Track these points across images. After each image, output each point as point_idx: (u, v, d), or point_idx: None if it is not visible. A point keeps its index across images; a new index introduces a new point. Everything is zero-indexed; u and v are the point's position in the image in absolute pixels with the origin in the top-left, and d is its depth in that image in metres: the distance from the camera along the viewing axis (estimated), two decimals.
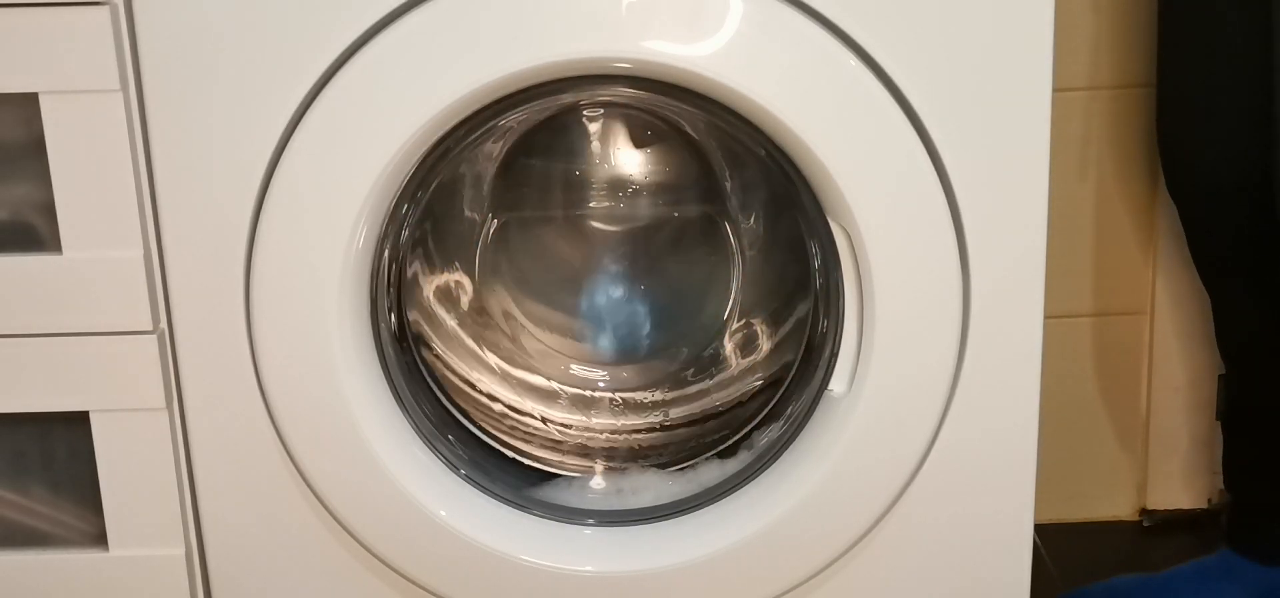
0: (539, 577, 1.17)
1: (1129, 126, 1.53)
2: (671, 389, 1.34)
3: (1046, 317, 1.13)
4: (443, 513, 1.15)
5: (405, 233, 1.20)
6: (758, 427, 1.25)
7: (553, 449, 1.30)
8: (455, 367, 1.30)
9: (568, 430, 1.32)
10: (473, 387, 1.31)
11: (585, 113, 1.28)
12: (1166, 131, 1.41)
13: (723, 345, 1.35)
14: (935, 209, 1.07)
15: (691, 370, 1.35)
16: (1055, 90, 1.07)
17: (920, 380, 1.12)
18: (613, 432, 1.33)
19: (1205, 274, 1.43)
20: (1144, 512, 1.66)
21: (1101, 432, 1.63)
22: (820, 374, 1.16)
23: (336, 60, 1.05)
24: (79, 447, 1.17)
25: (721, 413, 1.31)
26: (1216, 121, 1.33)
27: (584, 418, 1.33)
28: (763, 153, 1.11)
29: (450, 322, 1.33)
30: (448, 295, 1.33)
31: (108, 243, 1.11)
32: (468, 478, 1.18)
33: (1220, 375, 1.61)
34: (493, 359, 1.34)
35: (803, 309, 1.26)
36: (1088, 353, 1.60)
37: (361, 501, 1.15)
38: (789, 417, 1.20)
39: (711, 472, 1.23)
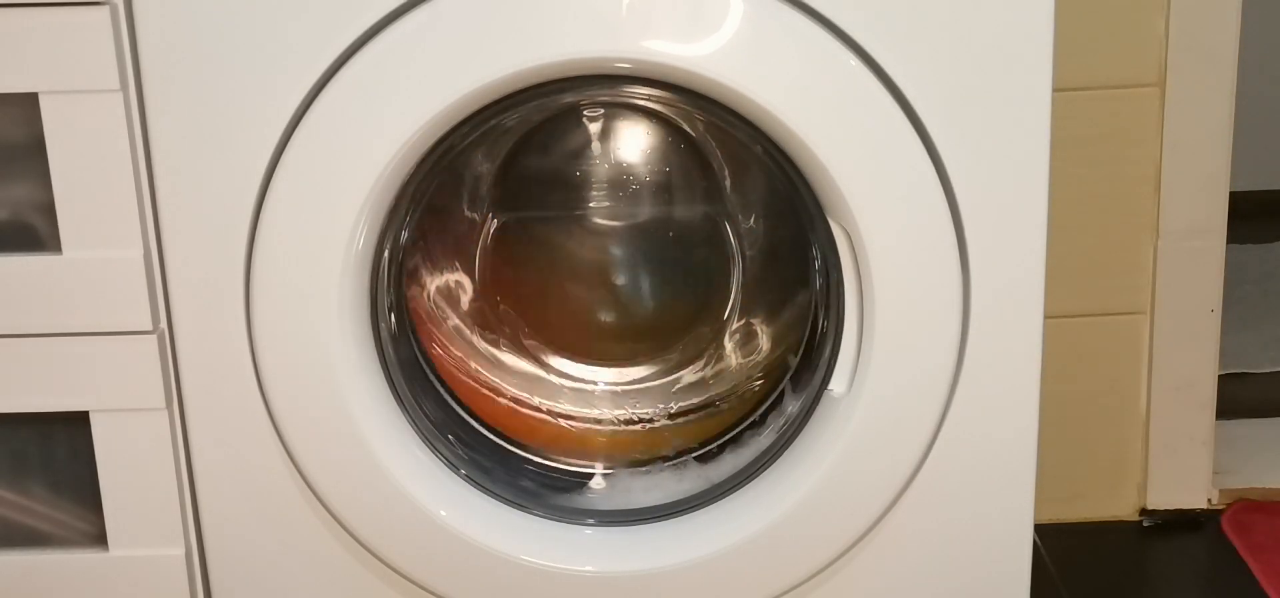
0: (539, 577, 1.17)
1: (1129, 126, 1.52)
2: (672, 388, 1.34)
3: (1046, 317, 1.13)
4: (443, 513, 1.15)
5: (405, 233, 1.20)
6: (757, 426, 1.25)
7: (553, 449, 1.30)
8: (455, 367, 1.30)
9: (567, 431, 1.32)
10: (473, 386, 1.31)
11: (585, 113, 1.28)
12: None
13: (723, 345, 1.35)
14: (935, 209, 1.07)
15: (692, 370, 1.34)
16: (1055, 90, 1.07)
17: (920, 381, 1.12)
18: (613, 432, 1.32)
19: None
20: (1144, 512, 1.66)
21: (1101, 432, 1.63)
22: (820, 374, 1.16)
23: (337, 60, 1.05)
24: (79, 447, 1.17)
25: (721, 412, 1.31)
26: None
27: (584, 418, 1.33)
28: (762, 152, 1.11)
29: (451, 321, 1.33)
30: (448, 295, 1.33)
31: (108, 243, 1.11)
32: (468, 478, 1.18)
33: (1220, 375, 1.61)
34: (493, 358, 1.34)
35: (803, 309, 1.26)
36: (1088, 353, 1.60)
37: (361, 501, 1.15)
38: (789, 416, 1.20)
39: (712, 471, 1.23)
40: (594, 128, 1.29)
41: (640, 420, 1.33)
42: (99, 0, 1.05)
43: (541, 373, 1.35)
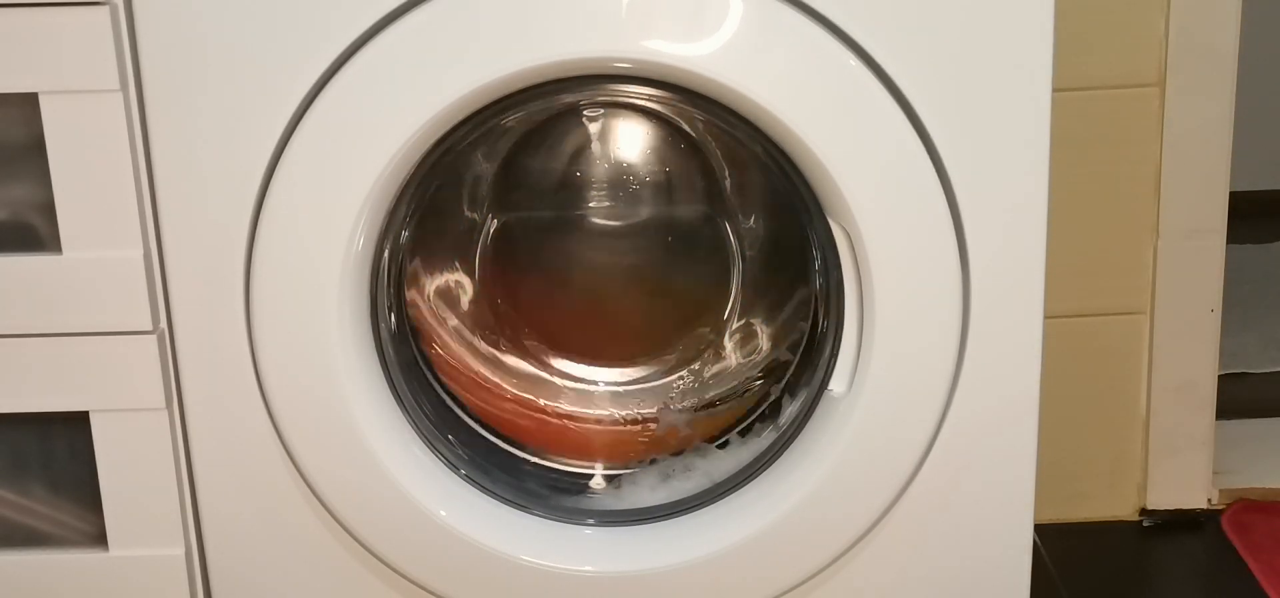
0: (539, 577, 1.17)
1: (1129, 126, 1.52)
2: (672, 388, 1.34)
3: (1046, 317, 1.13)
4: (443, 513, 1.15)
5: (405, 233, 1.20)
6: (757, 426, 1.25)
7: (553, 449, 1.30)
8: (455, 366, 1.30)
9: (568, 431, 1.32)
10: (473, 386, 1.31)
11: (585, 113, 1.28)
12: None
13: (723, 345, 1.35)
14: (935, 209, 1.07)
15: (692, 369, 1.34)
16: (1055, 90, 1.07)
17: (920, 380, 1.12)
18: (613, 432, 1.32)
19: None
20: (1144, 512, 1.66)
21: (1101, 432, 1.63)
22: (820, 374, 1.16)
23: (336, 60, 1.05)
24: (79, 447, 1.17)
25: (721, 412, 1.31)
26: None
27: (584, 418, 1.33)
28: (762, 153, 1.11)
29: (450, 321, 1.33)
30: (448, 295, 1.33)
31: (108, 243, 1.11)
32: (468, 478, 1.18)
33: (1220, 376, 1.61)
34: (493, 358, 1.34)
35: (803, 309, 1.26)
36: (1088, 353, 1.60)
37: (361, 501, 1.15)
38: (789, 416, 1.20)
39: (712, 471, 1.23)
40: (594, 128, 1.29)
41: (640, 421, 1.33)
42: (99, 0, 1.05)
43: (541, 373, 1.35)
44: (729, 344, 1.34)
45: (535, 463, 1.28)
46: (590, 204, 1.33)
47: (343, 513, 1.16)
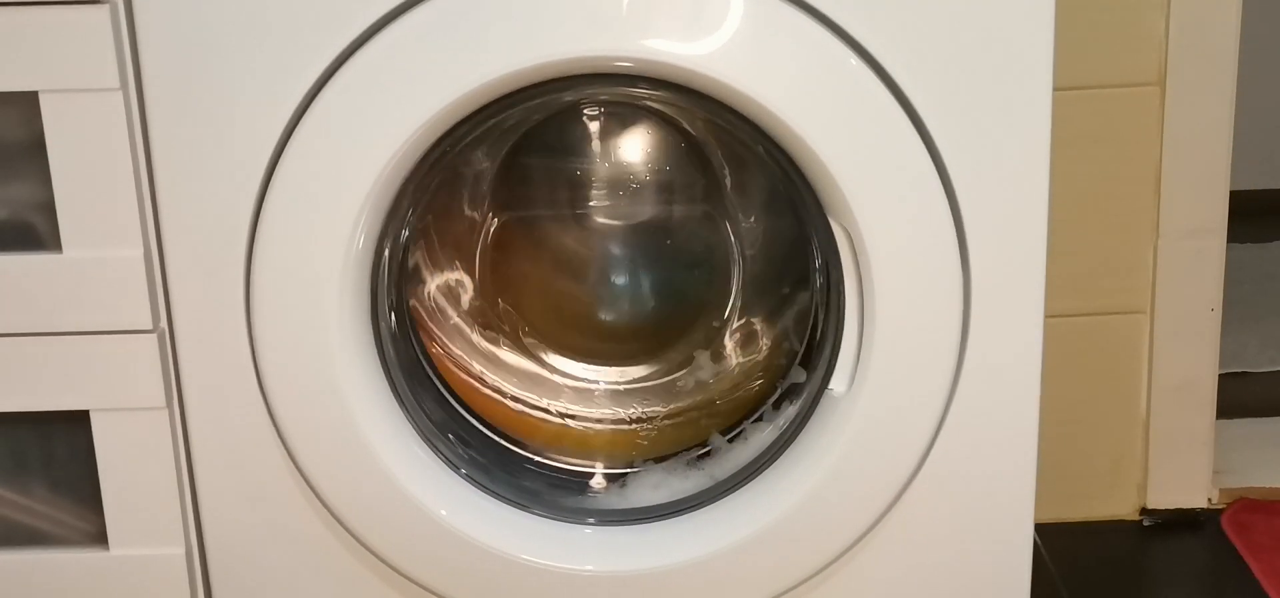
0: (539, 577, 1.17)
1: (1129, 126, 1.53)
2: (672, 388, 1.34)
3: (1046, 316, 1.13)
4: (443, 513, 1.15)
5: (405, 232, 1.20)
6: (757, 426, 1.25)
7: (553, 448, 1.30)
8: (456, 365, 1.30)
9: (568, 430, 1.32)
10: (473, 385, 1.31)
11: (585, 111, 1.28)
12: None
13: (723, 344, 1.35)
14: (936, 209, 1.07)
15: (692, 369, 1.34)
16: (1055, 90, 1.07)
17: (920, 380, 1.12)
18: (613, 431, 1.32)
19: None
20: (1144, 512, 1.66)
21: (1101, 432, 1.63)
22: (820, 374, 1.16)
23: (337, 59, 1.05)
24: (79, 447, 1.17)
25: (722, 412, 1.31)
26: None
27: (584, 417, 1.33)
28: (763, 152, 1.11)
29: (451, 320, 1.33)
30: (448, 294, 1.33)
31: (108, 242, 1.11)
32: (468, 477, 1.18)
33: (1220, 375, 1.61)
34: (493, 357, 1.34)
35: (803, 308, 1.26)
36: (1088, 353, 1.60)
37: (361, 500, 1.15)
38: (789, 416, 1.20)
39: (712, 470, 1.23)
40: (594, 127, 1.29)
41: (641, 420, 1.33)
42: (99, 0, 1.05)
43: (542, 372, 1.35)
44: (729, 344, 1.34)
45: (535, 462, 1.28)
46: (590, 203, 1.33)
47: (343, 513, 1.16)
